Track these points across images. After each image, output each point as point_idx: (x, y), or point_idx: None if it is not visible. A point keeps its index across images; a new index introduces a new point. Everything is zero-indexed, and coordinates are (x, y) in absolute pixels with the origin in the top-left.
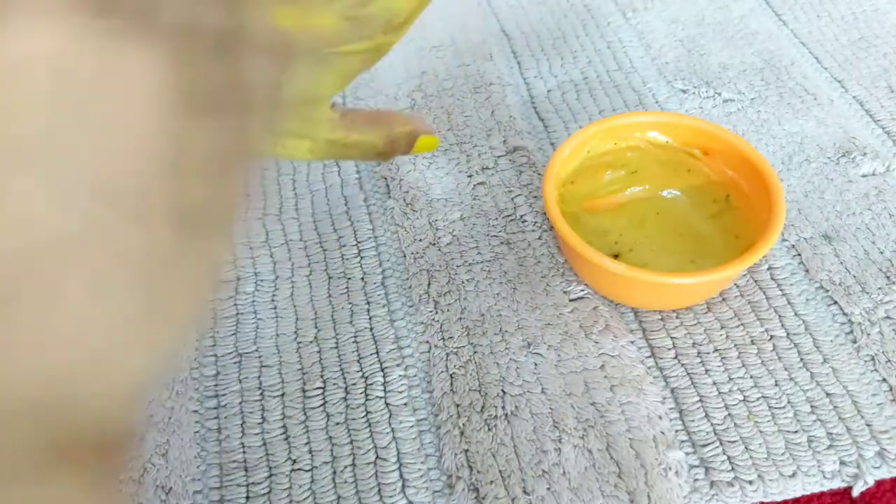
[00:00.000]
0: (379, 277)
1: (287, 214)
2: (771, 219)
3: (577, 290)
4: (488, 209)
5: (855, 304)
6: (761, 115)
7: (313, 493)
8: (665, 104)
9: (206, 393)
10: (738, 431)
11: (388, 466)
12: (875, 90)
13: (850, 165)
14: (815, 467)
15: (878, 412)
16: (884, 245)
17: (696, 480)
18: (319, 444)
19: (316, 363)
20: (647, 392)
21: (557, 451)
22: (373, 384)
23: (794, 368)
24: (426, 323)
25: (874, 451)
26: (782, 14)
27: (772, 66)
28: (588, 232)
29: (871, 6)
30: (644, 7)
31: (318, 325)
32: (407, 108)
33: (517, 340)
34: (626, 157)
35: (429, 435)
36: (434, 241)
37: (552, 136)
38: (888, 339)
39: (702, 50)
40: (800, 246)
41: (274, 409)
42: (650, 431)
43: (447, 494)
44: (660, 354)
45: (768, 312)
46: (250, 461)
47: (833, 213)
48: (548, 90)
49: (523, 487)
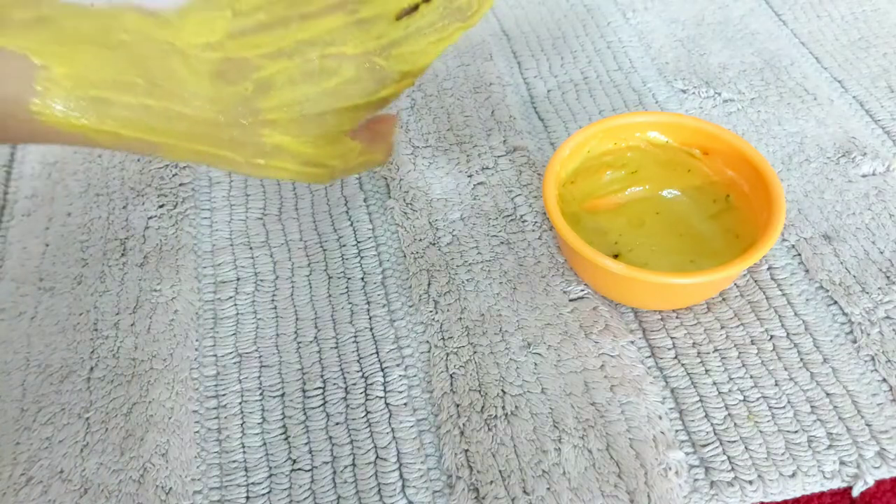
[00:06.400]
0: (379, 277)
1: (287, 214)
2: (771, 219)
3: (577, 290)
4: (488, 209)
5: (855, 304)
6: (761, 115)
7: (313, 493)
8: (665, 104)
9: (206, 393)
10: (738, 431)
11: (388, 466)
12: (875, 90)
13: (850, 165)
14: (815, 467)
15: (878, 412)
16: (884, 245)
17: (696, 480)
18: (319, 444)
19: (316, 363)
20: (647, 392)
21: (557, 451)
22: (373, 384)
23: (794, 368)
24: (426, 323)
25: (874, 451)
26: (782, 14)
27: (772, 66)
28: (588, 232)
29: (871, 6)
30: (644, 7)
31: (318, 325)
32: (406, 108)
33: (517, 340)
34: (626, 157)
35: (429, 435)
36: (434, 240)
37: (552, 136)
38: (888, 339)
39: (702, 50)
40: (800, 246)
41: (274, 409)
42: (650, 431)
43: (447, 494)
44: (660, 354)
45: (768, 312)
46: (250, 461)
47: (833, 213)
48: (548, 90)
49: (523, 487)
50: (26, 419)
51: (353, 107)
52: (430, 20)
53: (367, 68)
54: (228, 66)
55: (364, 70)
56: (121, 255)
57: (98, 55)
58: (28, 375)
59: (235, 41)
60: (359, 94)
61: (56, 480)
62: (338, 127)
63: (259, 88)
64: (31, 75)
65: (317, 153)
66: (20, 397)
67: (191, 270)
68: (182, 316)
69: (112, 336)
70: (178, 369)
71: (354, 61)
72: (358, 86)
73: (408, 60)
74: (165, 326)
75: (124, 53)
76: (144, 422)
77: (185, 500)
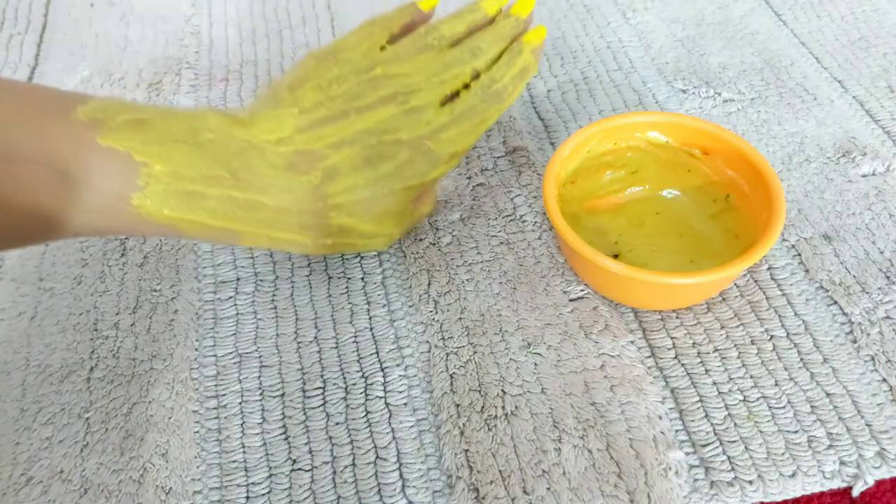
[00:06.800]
0: (379, 278)
1: None
2: (771, 219)
3: (577, 290)
4: (488, 209)
5: (855, 304)
6: (761, 115)
7: (313, 493)
8: (665, 104)
9: (206, 393)
10: (738, 431)
11: (388, 466)
12: (875, 90)
13: (850, 165)
14: (815, 467)
15: (878, 412)
16: (884, 245)
17: (696, 480)
18: (319, 444)
19: (316, 363)
20: (647, 392)
21: (557, 450)
22: (373, 384)
23: (794, 368)
24: (426, 323)
25: (874, 451)
26: (782, 14)
27: (772, 66)
28: (588, 232)
29: (871, 6)
30: (644, 7)
31: (318, 325)
32: None
33: (517, 340)
34: (626, 157)
35: (429, 435)
36: (434, 241)
37: (552, 136)
38: (888, 339)
39: (702, 50)
40: (800, 246)
41: (274, 409)
42: (650, 431)
43: (447, 494)
44: (660, 354)
45: (768, 312)
46: (250, 461)
47: (833, 213)
48: (548, 90)
49: (523, 487)
50: (26, 419)
51: (409, 187)
52: (471, 104)
53: (421, 151)
54: (298, 157)
55: (418, 153)
56: (121, 255)
57: (190, 152)
58: (28, 375)
59: (303, 135)
60: (414, 175)
61: (56, 480)
62: (396, 206)
63: (326, 176)
64: (133, 172)
65: (378, 229)
66: (20, 397)
67: (191, 270)
68: (182, 316)
69: (112, 336)
70: (178, 369)
71: (409, 146)
72: (413, 168)
73: (455, 142)
74: (165, 326)
75: (211, 150)
76: (144, 422)
77: (185, 500)
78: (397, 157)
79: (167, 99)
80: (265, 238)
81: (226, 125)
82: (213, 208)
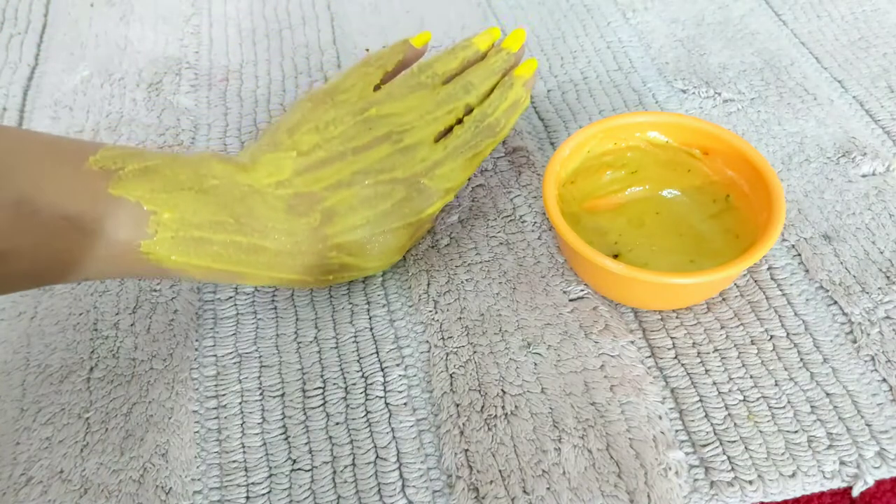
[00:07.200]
0: (379, 278)
1: None
2: (771, 219)
3: (577, 290)
4: (487, 210)
5: (855, 304)
6: (761, 115)
7: (313, 493)
8: (665, 104)
9: (206, 393)
10: (738, 431)
11: (388, 466)
12: (875, 90)
13: (850, 165)
14: (815, 467)
15: (878, 412)
16: (884, 245)
17: (696, 480)
18: (319, 444)
19: (316, 363)
20: (647, 392)
21: (557, 450)
22: (373, 384)
23: (794, 368)
24: (426, 323)
25: (874, 451)
26: (782, 14)
27: (772, 66)
28: (588, 232)
29: (871, 6)
30: (644, 7)
31: (318, 325)
32: None
33: (517, 340)
34: (626, 157)
35: (429, 435)
36: (433, 244)
37: (552, 136)
38: (888, 339)
39: (702, 50)
40: (800, 246)
41: (274, 409)
42: (650, 431)
43: (447, 494)
44: (660, 354)
45: (768, 312)
46: (250, 461)
47: (833, 213)
48: (548, 90)
49: (523, 487)
50: (26, 419)
51: (407, 224)
52: (465, 139)
53: (416, 189)
54: (298, 200)
55: (413, 191)
56: None
57: (196, 199)
58: (28, 375)
59: (301, 177)
60: (411, 213)
61: (56, 480)
62: (396, 243)
63: (325, 217)
64: (143, 220)
65: (379, 264)
66: (20, 397)
67: None
68: (182, 316)
69: (112, 336)
70: (178, 369)
71: (404, 184)
72: (409, 205)
73: (449, 177)
74: (165, 326)
75: (215, 197)
76: (144, 422)
77: (185, 500)
78: (393, 196)
79: (167, 99)
80: (268, 279)
81: (229, 171)
82: (218, 253)
